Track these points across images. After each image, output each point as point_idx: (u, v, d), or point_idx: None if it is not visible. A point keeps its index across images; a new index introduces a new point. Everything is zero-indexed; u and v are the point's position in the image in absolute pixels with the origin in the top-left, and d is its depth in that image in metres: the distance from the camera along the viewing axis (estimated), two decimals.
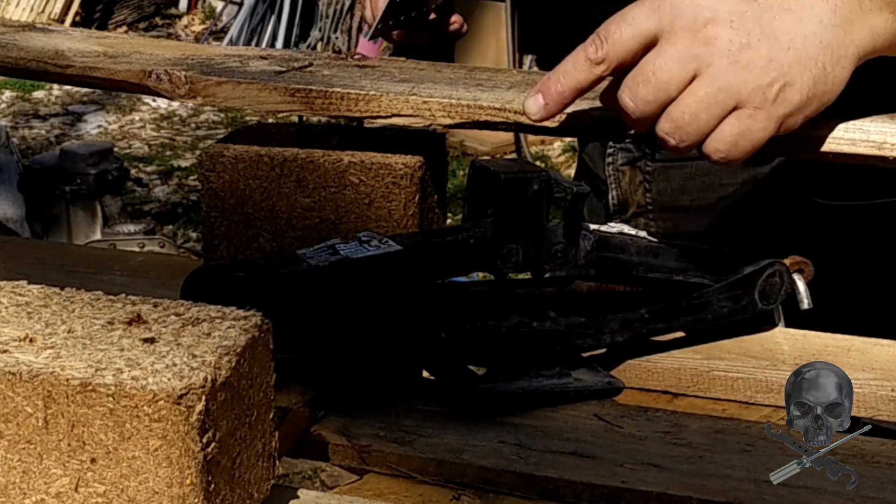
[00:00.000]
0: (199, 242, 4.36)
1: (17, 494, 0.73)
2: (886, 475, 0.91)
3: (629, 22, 0.94)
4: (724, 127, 0.94)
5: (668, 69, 0.93)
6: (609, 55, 0.95)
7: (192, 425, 0.70)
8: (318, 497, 0.85)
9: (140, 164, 5.73)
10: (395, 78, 1.19)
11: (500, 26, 5.55)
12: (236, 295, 0.86)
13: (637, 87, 0.94)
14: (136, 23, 7.98)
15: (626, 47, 0.94)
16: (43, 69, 1.24)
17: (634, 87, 0.94)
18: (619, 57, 0.95)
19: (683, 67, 0.93)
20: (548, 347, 1.03)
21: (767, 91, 0.93)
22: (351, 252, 0.98)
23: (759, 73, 0.93)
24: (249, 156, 1.12)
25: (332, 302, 0.98)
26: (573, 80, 0.97)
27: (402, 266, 1.00)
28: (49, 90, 6.71)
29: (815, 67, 0.93)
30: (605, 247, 1.06)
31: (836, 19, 0.94)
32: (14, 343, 0.75)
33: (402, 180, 1.09)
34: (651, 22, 0.94)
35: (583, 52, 0.96)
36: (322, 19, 7.31)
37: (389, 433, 0.95)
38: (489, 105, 1.10)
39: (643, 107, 0.95)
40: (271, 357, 0.79)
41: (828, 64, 0.94)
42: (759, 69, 0.93)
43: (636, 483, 0.89)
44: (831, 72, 0.94)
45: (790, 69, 0.93)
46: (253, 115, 4.31)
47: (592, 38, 0.95)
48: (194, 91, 1.17)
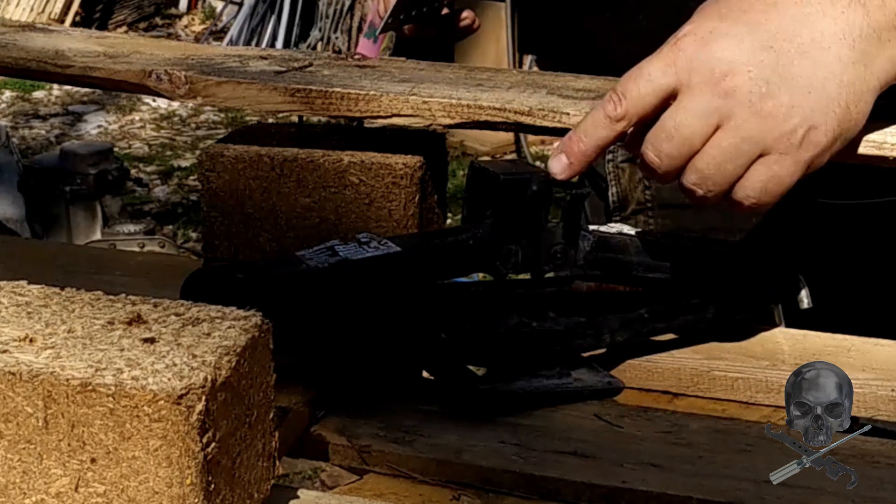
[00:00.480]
0: (199, 242, 4.36)
1: (17, 494, 0.73)
2: (886, 475, 0.91)
3: (646, 78, 0.94)
4: (752, 175, 0.94)
5: (690, 124, 0.93)
6: (629, 112, 0.95)
7: (192, 425, 0.70)
8: (318, 497, 0.85)
9: (140, 164, 5.73)
10: (395, 78, 1.19)
11: (500, 26, 5.55)
12: (236, 296, 0.86)
13: (661, 144, 0.94)
14: (136, 23, 7.98)
15: (645, 103, 0.94)
16: (43, 69, 1.24)
17: (658, 143, 0.94)
18: (638, 113, 0.95)
19: (706, 121, 0.93)
20: (548, 347, 1.03)
21: (792, 137, 0.93)
22: (350, 253, 0.98)
23: (782, 121, 0.92)
24: (249, 156, 1.12)
25: (331, 303, 0.98)
26: (594, 139, 0.97)
27: (402, 267, 1.00)
28: (49, 90, 6.71)
29: (837, 108, 0.93)
30: (605, 247, 1.06)
31: (855, 55, 0.93)
32: (14, 343, 0.75)
33: (402, 180, 1.09)
34: (668, 78, 0.93)
35: (602, 111, 0.96)
36: (322, 19, 7.31)
37: (389, 433, 0.95)
38: (489, 105, 1.10)
39: (668, 161, 0.95)
40: (271, 357, 0.79)
41: (850, 102, 0.93)
42: (782, 116, 0.92)
43: (636, 483, 0.89)
44: (854, 108, 0.94)
45: (813, 113, 0.93)
46: (253, 115, 4.31)
47: (610, 96, 0.95)
48: (194, 91, 1.17)
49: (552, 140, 5.88)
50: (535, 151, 5.80)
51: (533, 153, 5.76)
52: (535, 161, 5.54)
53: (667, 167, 0.95)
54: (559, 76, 1.22)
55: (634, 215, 1.42)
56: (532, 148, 5.79)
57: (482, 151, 5.68)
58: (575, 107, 1.11)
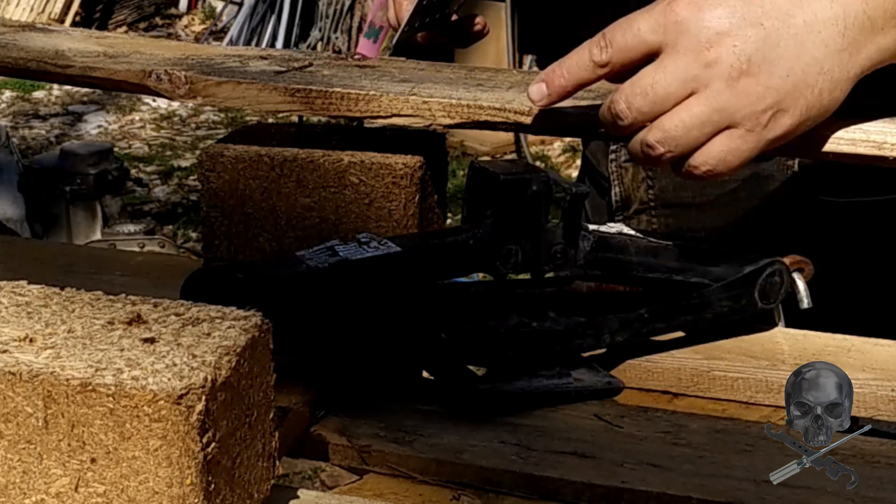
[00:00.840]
0: (199, 242, 4.36)
1: (17, 494, 0.73)
2: (886, 475, 0.91)
3: (635, 31, 0.95)
4: (714, 145, 0.95)
5: (667, 85, 0.94)
6: (612, 60, 0.96)
7: (192, 425, 0.70)
8: (318, 497, 0.85)
9: (140, 164, 5.73)
10: (395, 78, 1.19)
11: (500, 26, 5.55)
12: (236, 296, 0.86)
13: (634, 98, 0.95)
14: (136, 23, 7.98)
15: (629, 55, 0.96)
16: (43, 69, 1.24)
17: (632, 97, 0.96)
18: (622, 62, 0.96)
19: (682, 86, 0.94)
20: (548, 347, 1.03)
21: (761, 117, 0.94)
22: (350, 253, 0.98)
23: (756, 100, 0.93)
24: (249, 156, 1.12)
25: (331, 303, 0.98)
26: (576, 78, 0.99)
27: (402, 267, 1.00)
28: (49, 90, 6.71)
29: (811, 94, 0.94)
30: (605, 247, 1.06)
31: (844, 42, 0.93)
32: (14, 343, 0.75)
33: (402, 180, 1.09)
34: (656, 36, 0.95)
35: (587, 53, 0.97)
36: (322, 19, 7.31)
37: (389, 433, 0.95)
38: (489, 105, 1.10)
39: (637, 115, 0.96)
40: (271, 357, 0.79)
41: (826, 89, 0.94)
42: (756, 96, 0.93)
43: (636, 483, 0.89)
44: (829, 96, 0.94)
45: (786, 97, 0.94)
46: (253, 115, 4.32)
47: (598, 39, 0.97)
48: (194, 91, 1.17)
49: (552, 140, 5.88)
50: (535, 151, 5.80)
51: (533, 153, 5.76)
52: (535, 161, 5.54)
53: (632, 120, 0.96)
54: None
55: (637, 215, 1.42)
56: (532, 148, 5.79)
57: (482, 151, 5.68)
58: (575, 107, 1.11)
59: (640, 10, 0.96)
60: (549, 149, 5.85)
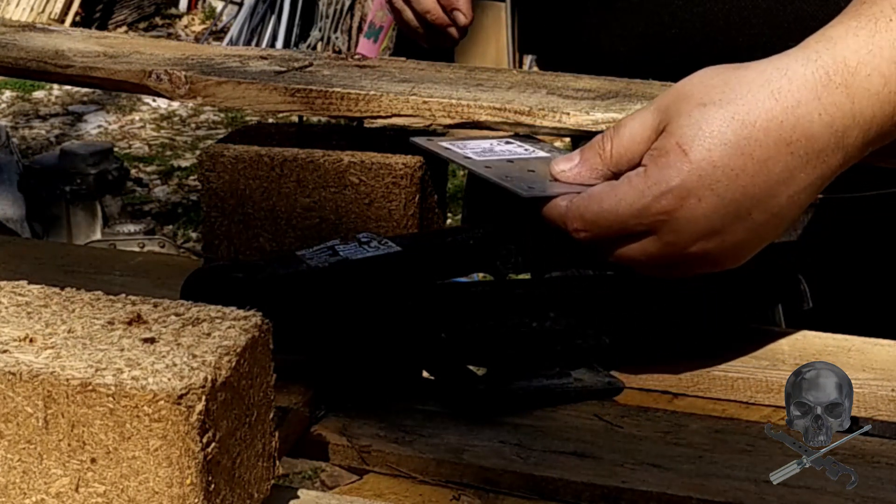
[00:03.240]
0: (199, 242, 4.36)
1: (17, 494, 0.73)
2: (886, 475, 0.91)
3: (615, 212, 0.92)
4: (632, 247, 0.94)
5: (632, 257, 0.94)
6: (591, 230, 0.94)
7: (192, 425, 0.70)
8: (318, 497, 0.85)
9: (140, 164, 5.73)
10: (395, 78, 1.19)
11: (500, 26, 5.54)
12: (236, 296, 0.86)
13: (590, 205, 0.93)
14: (136, 23, 7.98)
15: (605, 225, 0.93)
16: (43, 69, 1.24)
17: (596, 235, 0.94)
18: (600, 231, 0.94)
19: (648, 223, 0.92)
20: (548, 347, 1.03)
21: (700, 267, 0.94)
22: (350, 253, 0.98)
23: (701, 262, 0.94)
24: (249, 156, 1.12)
25: (331, 303, 0.98)
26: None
27: (402, 267, 1.00)
28: (49, 90, 6.71)
29: (766, 241, 0.94)
30: None
31: (818, 191, 0.93)
32: (14, 343, 0.75)
33: (402, 180, 1.09)
34: (638, 220, 0.92)
35: (565, 211, 0.95)
36: (322, 19, 7.31)
37: (389, 433, 0.95)
38: (489, 105, 1.10)
39: (589, 228, 0.94)
40: (271, 357, 0.79)
41: (787, 227, 0.94)
42: (705, 261, 0.93)
43: (636, 483, 0.89)
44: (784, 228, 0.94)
45: (734, 259, 0.94)
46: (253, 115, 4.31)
47: (576, 206, 0.94)
48: (194, 91, 1.17)
49: (552, 140, 5.88)
50: None
51: None
52: None
53: (574, 217, 0.94)
54: (559, 76, 1.22)
55: None
56: None
57: None
58: (575, 107, 1.11)
59: (627, 181, 0.93)
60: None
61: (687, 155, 0.90)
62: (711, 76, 0.93)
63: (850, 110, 0.90)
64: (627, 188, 0.92)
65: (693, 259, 0.93)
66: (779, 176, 0.90)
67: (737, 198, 0.90)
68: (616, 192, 0.92)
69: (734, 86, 0.91)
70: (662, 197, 0.91)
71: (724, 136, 0.89)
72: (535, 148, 1.06)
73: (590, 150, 0.97)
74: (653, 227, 0.92)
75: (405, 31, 1.50)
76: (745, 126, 0.89)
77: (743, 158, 0.89)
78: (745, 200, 0.91)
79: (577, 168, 0.97)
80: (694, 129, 0.90)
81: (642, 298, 1.07)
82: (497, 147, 1.06)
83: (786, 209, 0.92)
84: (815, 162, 0.91)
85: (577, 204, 0.94)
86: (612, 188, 0.93)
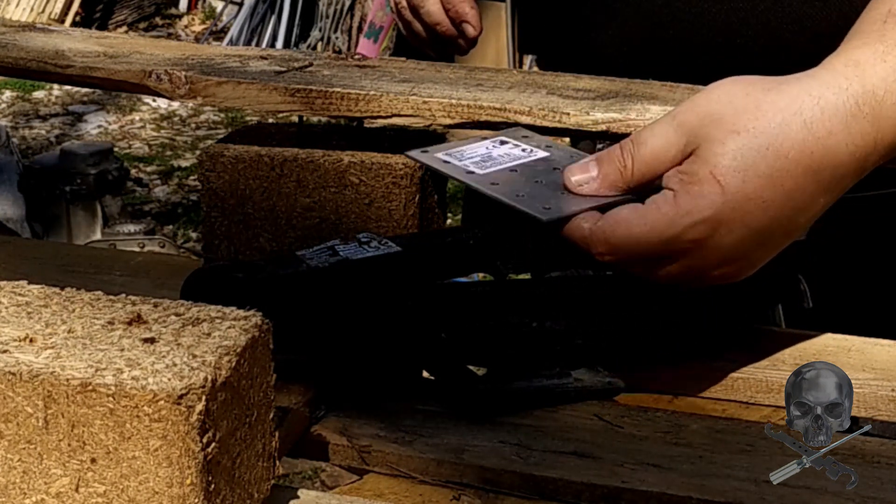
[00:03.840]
0: (199, 242, 4.36)
1: (17, 494, 0.73)
2: (886, 475, 0.91)
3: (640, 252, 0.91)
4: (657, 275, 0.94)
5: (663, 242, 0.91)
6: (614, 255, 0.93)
7: (192, 425, 0.70)
8: (318, 497, 0.85)
9: (140, 164, 5.73)
10: (395, 78, 1.19)
11: (500, 26, 5.55)
12: (236, 296, 0.86)
13: (616, 230, 0.91)
14: (136, 23, 7.98)
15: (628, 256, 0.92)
16: (43, 69, 1.24)
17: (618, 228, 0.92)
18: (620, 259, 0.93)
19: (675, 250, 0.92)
20: (548, 347, 1.03)
21: (713, 282, 0.94)
22: (350, 253, 0.98)
23: (717, 280, 0.93)
24: (249, 156, 1.12)
25: (331, 303, 0.98)
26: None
27: (402, 267, 1.00)
28: (49, 90, 6.71)
29: (776, 253, 0.93)
30: None
31: (833, 202, 0.93)
32: (14, 343, 0.75)
33: (402, 180, 1.09)
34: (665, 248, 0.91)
35: (589, 236, 0.93)
36: (322, 19, 7.31)
37: (389, 433, 0.95)
38: (489, 105, 1.10)
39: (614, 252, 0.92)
40: (271, 357, 0.79)
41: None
42: (722, 279, 0.93)
43: (636, 483, 0.89)
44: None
45: (748, 274, 0.94)
46: (253, 115, 4.32)
47: (600, 234, 0.92)
48: (194, 91, 1.17)
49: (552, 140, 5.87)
50: None
51: None
52: None
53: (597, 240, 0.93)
54: (559, 76, 1.22)
55: None
56: None
57: None
58: (575, 107, 1.11)
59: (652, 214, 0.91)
60: None
61: (721, 186, 0.89)
62: (740, 97, 0.91)
63: (874, 138, 0.90)
64: (657, 215, 0.90)
65: (711, 278, 0.93)
66: (803, 203, 0.91)
67: (764, 226, 0.90)
68: (645, 218, 0.91)
69: (766, 112, 0.90)
70: (693, 227, 0.90)
71: (759, 168, 0.89)
72: (531, 146, 1.05)
73: (608, 165, 0.94)
74: (679, 253, 0.91)
75: (413, 42, 1.50)
76: (778, 157, 0.89)
77: (774, 190, 0.89)
78: (771, 228, 0.91)
79: (595, 183, 0.94)
80: (728, 160, 0.89)
81: (642, 298, 1.07)
82: (495, 151, 1.04)
83: (802, 228, 0.93)
84: (837, 187, 0.91)
85: (602, 228, 0.92)
86: (641, 215, 0.91)
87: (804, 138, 0.89)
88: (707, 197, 0.89)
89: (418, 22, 1.46)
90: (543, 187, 0.98)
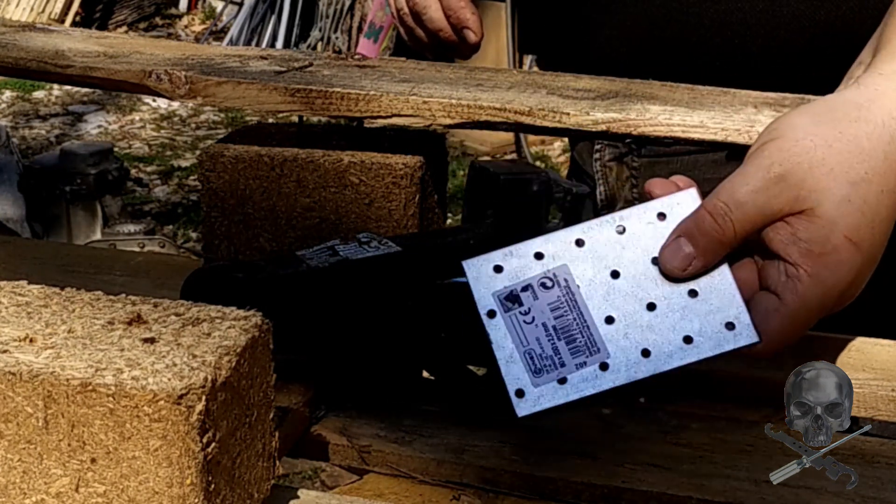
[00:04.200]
0: (199, 242, 4.36)
1: (17, 494, 0.73)
2: (886, 475, 0.91)
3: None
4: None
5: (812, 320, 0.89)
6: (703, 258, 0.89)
7: (193, 425, 0.70)
8: (318, 497, 0.85)
9: (140, 164, 5.73)
10: (395, 78, 1.19)
11: (500, 26, 5.55)
12: (236, 296, 0.86)
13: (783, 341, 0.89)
14: (136, 23, 7.98)
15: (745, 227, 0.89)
16: (43, 69, 1.24)
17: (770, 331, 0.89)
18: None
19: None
20: None
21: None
22: (350, 253, 0.98)
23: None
24: (249, 156, 1.12)
25: (331, 303, 0.98)
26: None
27: (402, 267, 1.00)
28: (49, 90, 6.71)
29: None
30: None
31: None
32: (14, 343, 0.75)
33: (402, 180, 1.09)
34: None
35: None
36: (322, 19, 7.31)
37: (389, 433, 0.95)
38: (489, 105, 1.10)
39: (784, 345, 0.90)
40: (271, 357, 0.79)
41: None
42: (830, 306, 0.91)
43: (636, 483, 0.89)
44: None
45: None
46: (253, 115, 4.32)
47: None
48: (194, 91, 1.17)
49: (552, 140, 5.88)
50: (535, 151, 5.80)
51: (533, 153, 5.75)
52: (535, 161, 5.54)
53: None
54: (559, 76, 1.22)
55: None
56: (532, 148, 5.79)
57: (482, 151, 5.68)
58: (575, 107, 1.11)
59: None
60: (549, 149, 5.85)
61: (859, 247, 0.87)
62: (835, 137, 0.88)
63: None
64: (799, 305, 0.88)
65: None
66: (884, 229, 0.90)
67: (861, 259, 0.89)
68: (796, 315, 0.88)
69: (867, 150, 0.88)
70: (840, 298, 0.89)
71: (880, 213, 0.88)
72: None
73: (703, 238, 0.87)
74: (830, 311, 0.90)
75: (415, 47, 1.50)
76: (887, 195, 0.88)
77: (890, 225, 0.89)
78: (865, 256, 0.89)
79: (699, 262, 0.88)
80: (857, 217, 0.86)
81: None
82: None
83: (881, 250, 0.92)
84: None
85: (768, 348, 0.90)
86: (786, 315, 0.88)
87: (887, 169, 0.88)
88: (847, 263, 0.87)
89: (420, 28, 1.46)
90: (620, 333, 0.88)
